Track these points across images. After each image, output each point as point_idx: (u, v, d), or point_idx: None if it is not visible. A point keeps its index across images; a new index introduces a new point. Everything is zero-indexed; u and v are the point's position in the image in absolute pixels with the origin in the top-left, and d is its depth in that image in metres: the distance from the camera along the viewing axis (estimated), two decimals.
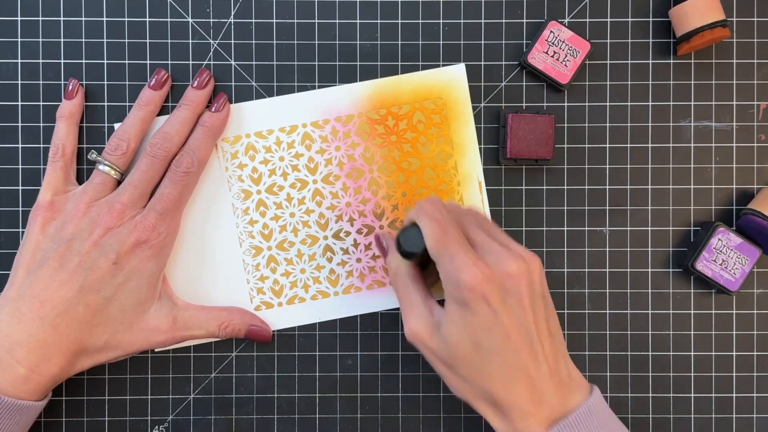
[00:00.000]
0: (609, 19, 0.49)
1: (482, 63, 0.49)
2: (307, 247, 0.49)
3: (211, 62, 0.48)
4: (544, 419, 0.39)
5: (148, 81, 0.47)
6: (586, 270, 0.49)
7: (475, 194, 0.48)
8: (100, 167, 0.45)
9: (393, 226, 0.49)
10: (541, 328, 0.39)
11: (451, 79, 0.48)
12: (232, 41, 0.48)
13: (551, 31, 0.47)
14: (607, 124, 0.49)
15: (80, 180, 0.48)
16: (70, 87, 0.47)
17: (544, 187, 0.49)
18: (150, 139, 0.45)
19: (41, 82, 0.48)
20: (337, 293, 0.49)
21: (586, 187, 0.49)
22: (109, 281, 0.43)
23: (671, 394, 0.49)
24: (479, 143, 0.49)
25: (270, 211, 0.48)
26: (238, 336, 0.47)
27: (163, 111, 0.48)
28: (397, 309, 0.49)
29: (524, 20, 0.49)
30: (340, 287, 0.49)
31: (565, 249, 0.49)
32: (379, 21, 0.49)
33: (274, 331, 0.49)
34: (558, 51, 0.47)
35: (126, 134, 0.46)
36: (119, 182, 0.46)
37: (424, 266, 0.43)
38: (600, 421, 0.39)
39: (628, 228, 0.49)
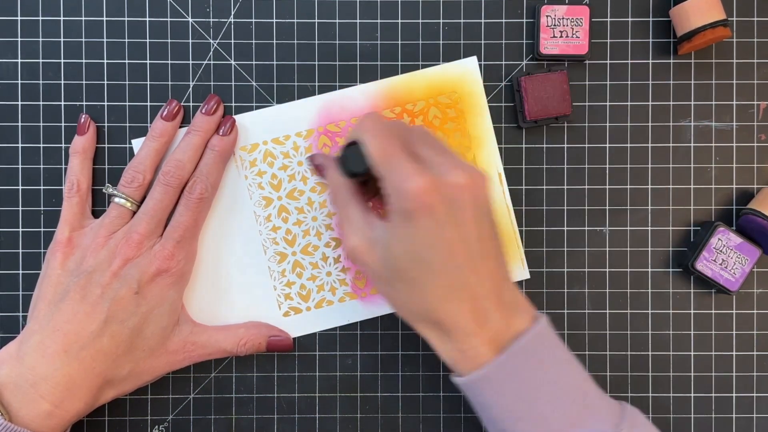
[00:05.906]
0: (609, 19, 0.49)
1: (482, 63, 0.49)
2: (332, 249, 0.49)
3: (211, 62, 0.48)
4: (489, 340, 0.38)
5: (161, 112, 0.47)
6: (586, 270, 0.49)
7: (495, 186, 0.48)
8: (116, 200, 0.45)
9: None
10: (485, 246, 0.38)
11: (464, 73, 0.48)
12: (232, 41, 0.48)
13: (547, 15, 0.47)
14: (607, 124, 0.49)
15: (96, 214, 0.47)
16: (82, 121, 0.47)
17: (544, 187, 0.49)
18: (162, 167, 0.45)
19: (41, 81, 0.48)
20: (365, 294, 0.49)
21: (586, 186, 0.49)
22: (132, 311, 0.43)
23: (671, 394, 0.49)
24: None
25: (292, 217, 0.48)
26: (260, 350, 0.47)
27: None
28: None
29: (524, 20, 0.49)
30: (368, 288, 0.49)
31: (565, 249, 0.49)
32: (379, 21, 0.49)
33: (296, 337, 0.48)
34: (564, 29, 0.47)
35: (141, 166, 0.45)
36: (134, 213, 0.45)
37: (364, 184, 0.42)
38: (550, 348, 0.39)
39: (628, 228, 0.49)
